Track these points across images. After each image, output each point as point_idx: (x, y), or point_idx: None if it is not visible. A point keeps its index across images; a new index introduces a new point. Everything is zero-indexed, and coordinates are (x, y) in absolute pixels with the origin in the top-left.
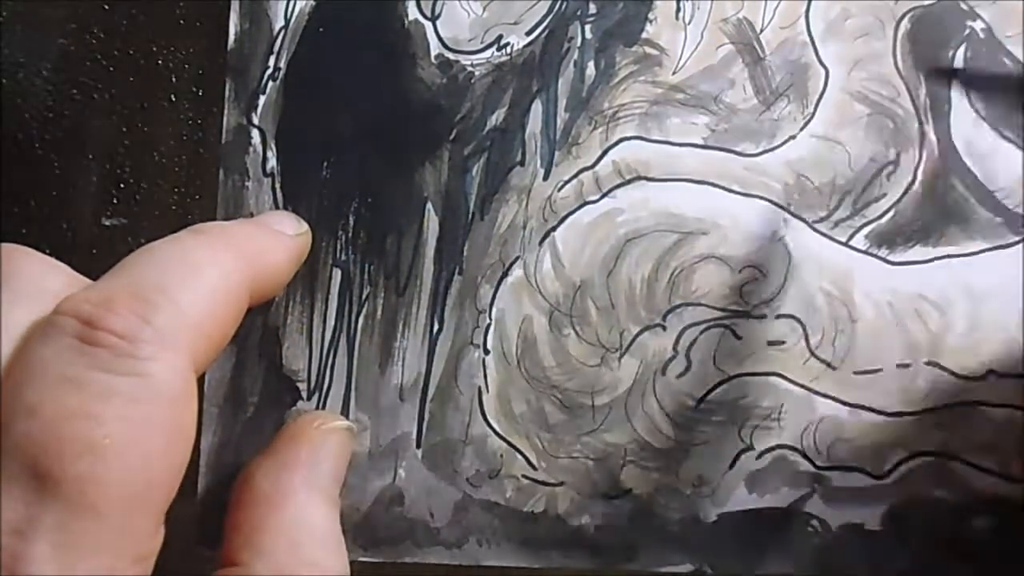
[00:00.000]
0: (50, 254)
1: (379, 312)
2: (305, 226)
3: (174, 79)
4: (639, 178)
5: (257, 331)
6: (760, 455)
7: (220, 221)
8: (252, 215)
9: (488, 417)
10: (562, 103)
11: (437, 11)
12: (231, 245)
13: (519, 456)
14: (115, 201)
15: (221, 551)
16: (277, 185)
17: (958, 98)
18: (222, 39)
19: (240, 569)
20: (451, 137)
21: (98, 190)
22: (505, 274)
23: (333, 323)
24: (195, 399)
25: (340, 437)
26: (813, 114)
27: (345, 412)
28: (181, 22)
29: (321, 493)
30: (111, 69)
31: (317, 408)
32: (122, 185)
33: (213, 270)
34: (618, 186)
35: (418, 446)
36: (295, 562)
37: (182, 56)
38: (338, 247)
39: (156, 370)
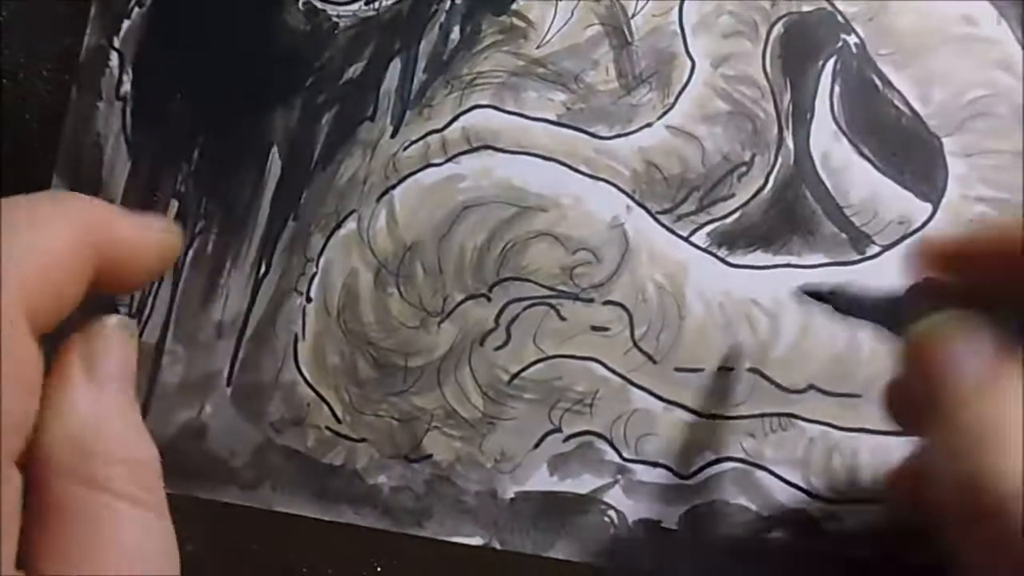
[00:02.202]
0: None
1: (209, 247)
2: (175, 228)
3: None
4: (486, 147)
5: None
6: (567, 439)
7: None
8: (99, 135)
9: (300, 365)
10: (421, 64)
11: None
12: (79, 209)
13: (325, 407)
14: None
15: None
16: (128, 110)
17: (821, 109)
18: None
19: (40, 489)
20: (306, 84)
21: None
22: (338, 226)
23: None
24: (25, 341)
25: (111, 332)
26: (673, 105)
27: (161, 342)
28: None
29: (101, 391)
30: None
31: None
32: None
33: (52, 223)
34: (464, 152)
35: (228, 384)
36: (87, 465)
37: None
38: (179, 179)
39: None
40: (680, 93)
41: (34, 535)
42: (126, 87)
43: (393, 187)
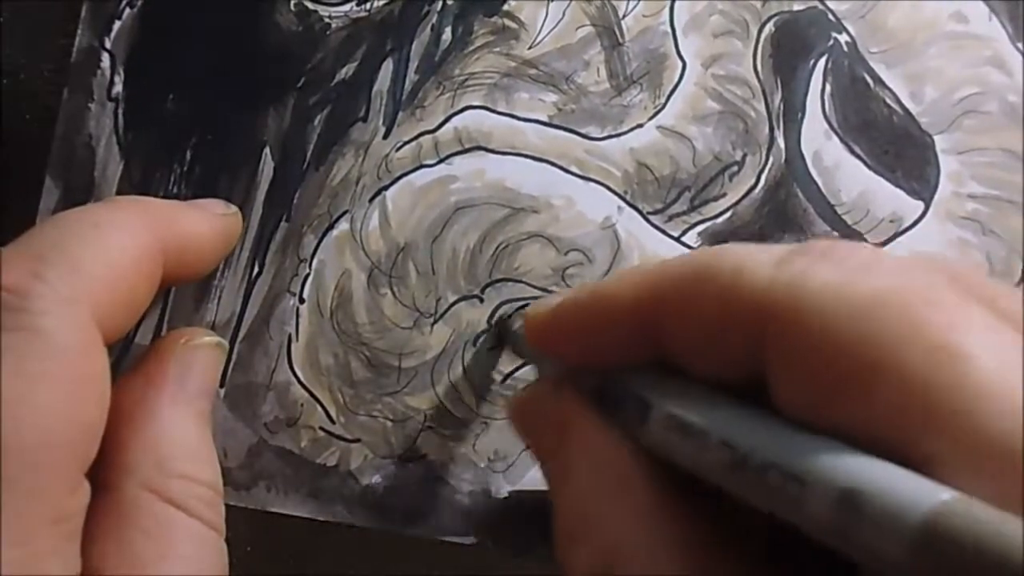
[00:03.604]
0: None
1: None
2: (234, 208)
3: None
4: (479, 148)
5: None
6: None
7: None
8: (91, 136)
9: (294, 365)
10: (413, 64)
11: None
12: (140, 211)
13: (319, 408)
14: None
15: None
16: (120, 111)
17: (812, 108)
18: None
19: (110, 490)
20: (298, 85)
21: None
22: (331, 226)
23: None
24: (99, 353)
25: (208, 352)
26: (664, 105)
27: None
28: None
29: (188, 407)
30: None
31: (128, 336)
32: None
33: (116, 230)
34: (456, 153)
35: (221, 385)
36: (163, 477)
37: None
38: (172, 180)
39: (49, 324)
40: (671, 93)
41: (98, 535)
42: (118, 88)
43: (386, 188)
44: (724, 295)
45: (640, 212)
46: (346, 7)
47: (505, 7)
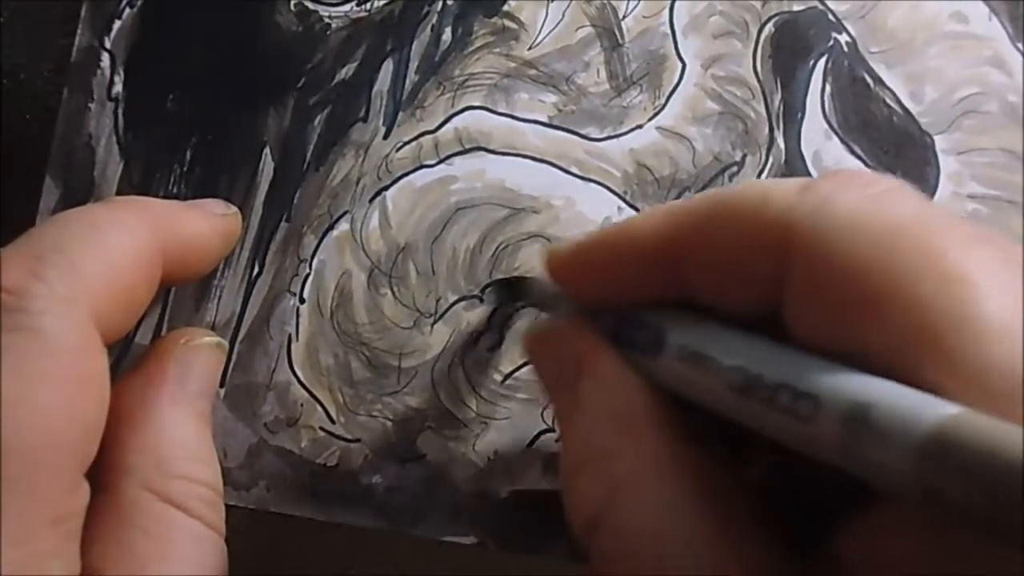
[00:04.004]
0: None
1: None
2: (234, 208)
3: None
4: (479, 148)
5: None
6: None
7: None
8: (91, 136)
9: (294, 365)
10: (414, 65)
11: None
12: (140, 211)
13: (319, 408)
14: None
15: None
16: (120, 111)
17: (812, 108)
18: None
19: (110, 491)
20: (298, 85)
21: None
22: (331, 227)
23: None
24: (99, 353)
25: (208, 352)
26: (664, 106)
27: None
28: None
29: (188, 407)
30: None
31: (128, 336)
32: None
33: (116, 230)
34: (457, 154)
35: (221, 385)
36: (163, 477)
37: None
38: (171, 180)
39: (48, 324)
40: (671, 94)
41: (97, 535)
42: (118, 88)
43: (386, 188)
44: (749, 220)
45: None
46: (346, 7)
47: (505, 8)
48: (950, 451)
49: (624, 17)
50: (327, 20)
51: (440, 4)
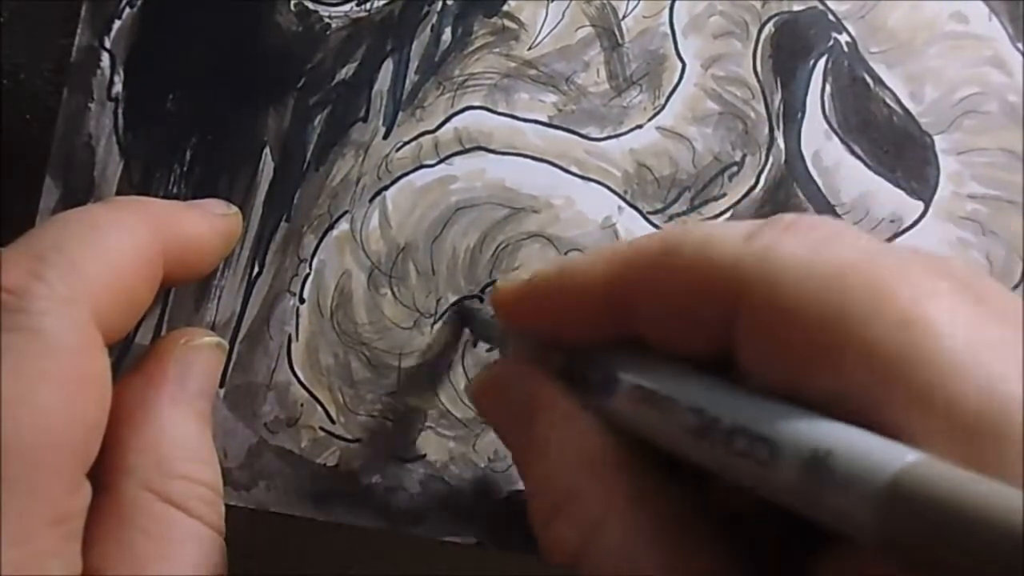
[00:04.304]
0: None
1: None
2: (234, 208)
3: None
4: (479, 148)
5: None
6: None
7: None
8: (91, 136)
9: (294, 365)
10: (414, 65)
11: None
12: (140, 211)
13: (319, 408)
14: None
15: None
16: (120, 111)
17: (812, 108)
18: None
19: (111, 491)
20: (298, 85)
21: None
22: (331, 227)
23: None
24: (99, 353)
25: (208, 352)
26: (664, 106)
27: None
28: None
29: (188, 407)
30: None
31: (128, 336)
32: None
33: (116, 230)
34: (457, 153)
35: (221, 385)
36: (163, 477)
37: None
38: (171, 179)
39: (49, 324)
40: (671, 94)
41: (98, 535)
42: (117, 88)
43: (386, 188)
44: (693, 269)
45: (640, 212)
46: (346, 7)
47: (505, 8)
48: (909, 500)
49: (624, 17)
50: (327, 20)
51: (440, 4)
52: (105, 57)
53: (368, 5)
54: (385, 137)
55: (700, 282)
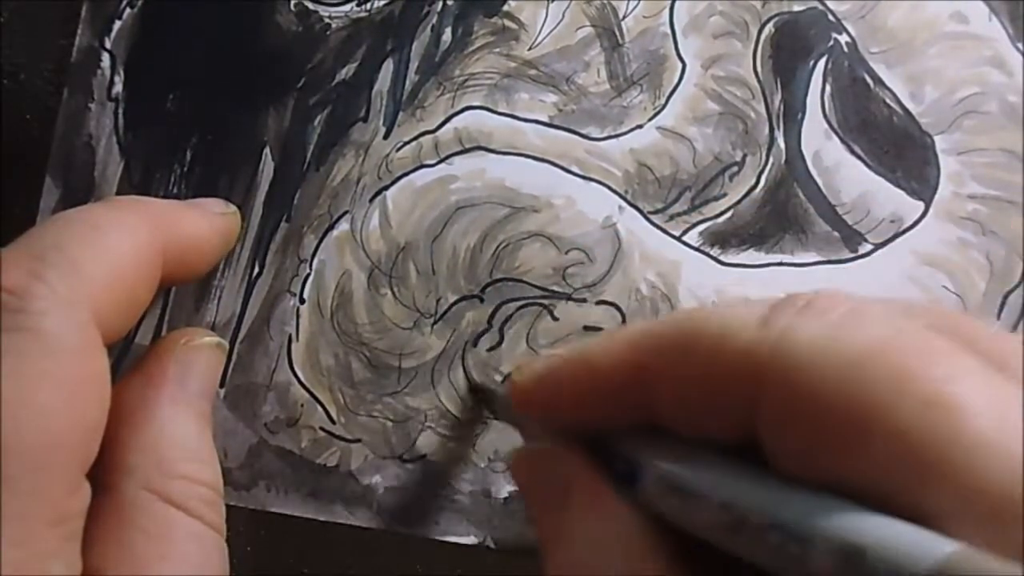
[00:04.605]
0: None
1: None
2: (233, 207)
3: None
4: (479, 148)
5: None
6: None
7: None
8: (91, 136)
9: (295, 366)
10: (414, 65)
11: None
12: (140, 211)
13: (319, 408)
14: None
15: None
16: (120, 111)
17: (813, 108)
18: None
19: (111, 491)
20: (299, 85)
21: None
22: (331, 227)
23: None
24: (99, 353)
25: (208, 352)
26: (664, 106)
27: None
28: None
29: (189, 408)
30: None
31: (128, 336)
32: None
33: (116, 230)
34: (457, 153)
35: (221, 385)
36: (163, 477)
37: None
38: (171, 180)
39: (49, 325)
40: (671, 94)
41: (98, 536)
42: (118, 88)
43: (386, 188)
44: (710, 358)
45: (641, 212)
46: (346, 7)
47: (505, 8)
48: None
49: (624, 17)
50: (327, 20)
51: (440, 4)
52: (105, 57)
53: (368, 5)
54: (385, 137)
55: (717, 371)
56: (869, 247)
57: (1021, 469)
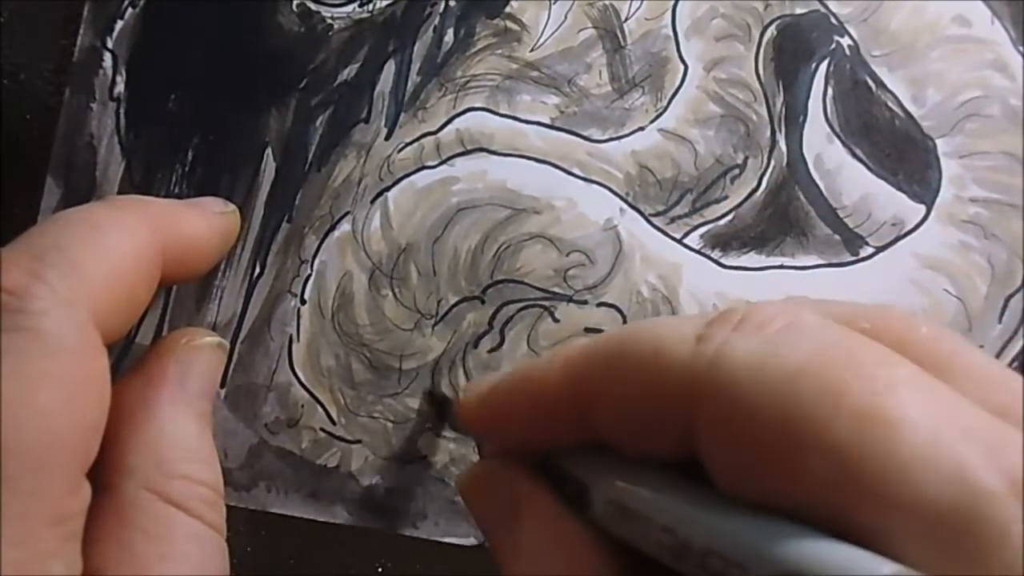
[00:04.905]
0: None
1: None
2: (232, 207)
3: None
4: (480, 150)
5: None
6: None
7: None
8: (92, 136)
9: (295, 366)
10: (416, 66)
11: None
12: (140, 210)
13: (320, 409)
14: None
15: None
16: (122, 110)
17: (814, 111)
18: None
19: (111, 491)
20: (300, 86)
21: None
22: (333, 227)
23: None
24: (99, 354)
25: (208, 352)
26: (666, 108)
27: None
28: None
29: (189, 408)
30: None
31: (129, 336)
32: None
33: (116, 230)
34: (458, 155)
35: (222, 386)
36: (163, 478)
37: None
38: (173, 180)
39: (49, 325)
40: (673, 97)
41: (98, 536)
42: (120, 88)
43: (387, 189)
44: (646, 375)
45: (642, 214)
46: (348, 8)
47: (507, 9)
48: None
49: (626, 19)
50: (329, 21)
51: (442, 5)
52: (107, 57)
53: (370, 6)
54: (387, 138)
55: (654, 387)
56: (870, 250)
57: (958, 479)
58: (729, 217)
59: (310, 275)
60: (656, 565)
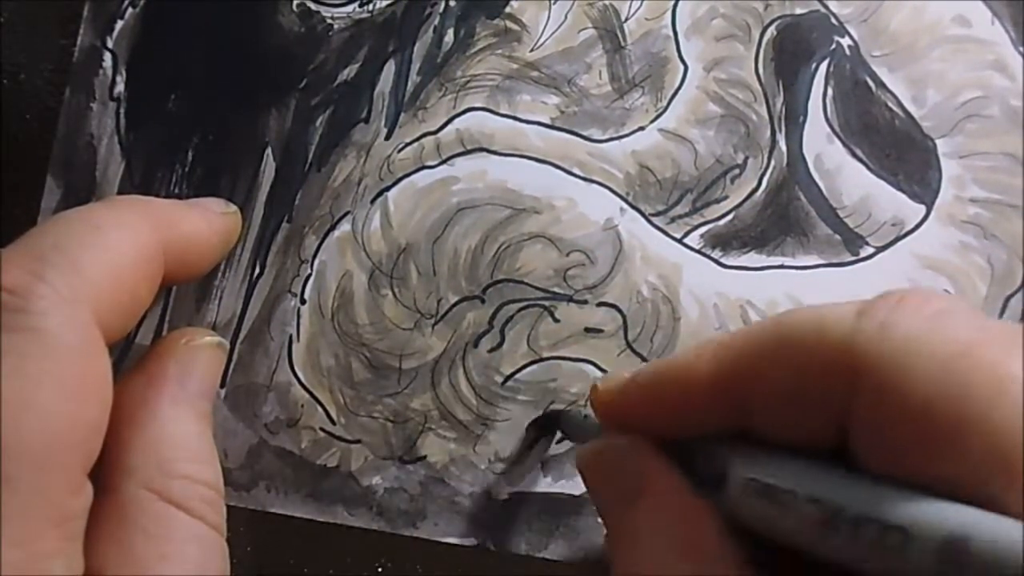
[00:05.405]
0: None
1: None
2: (234, 207)
3: None
4: (481, 149)
5: None
6: (560, 440)
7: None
8: (92, 136)
9: (295, 366)
10: (416, 66)
11: None
12: (141, 210)
13: (320, 409)
14: None
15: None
16: (121, 110)
17: (814, 111)
18: None
19: (112, 491)
20: (300, 86)
21: None
22: (333, 227)
23: None
24: (100, 353)
25: (209, 352)
26: (666, 108)
27: None
28: None
29: (189, 408)
30: None
31: (129, 336)
32: None
33: (117, 230)
34: (458, 155)
35: (222, 386)
36: (164, 478)
37: None
38: (173, 179)
39: (50, 325)
40: (673, 97)
41: (99, 536)
42: (120, 88)
43: (387, 189)
44: (808, 351)
45: (642, 214)
46: (348, 8)
47: (507, 9)
48: None
49: (626, 19)
50: (329, 21)
51: (442, 5)
52: (107, 57)
53: (370, 6)
54: (387, 138)
55: (816, 364)
56: (870, 250)
57: None
58: (729, 217)
59: (310, 275)
60: (781, 556)
